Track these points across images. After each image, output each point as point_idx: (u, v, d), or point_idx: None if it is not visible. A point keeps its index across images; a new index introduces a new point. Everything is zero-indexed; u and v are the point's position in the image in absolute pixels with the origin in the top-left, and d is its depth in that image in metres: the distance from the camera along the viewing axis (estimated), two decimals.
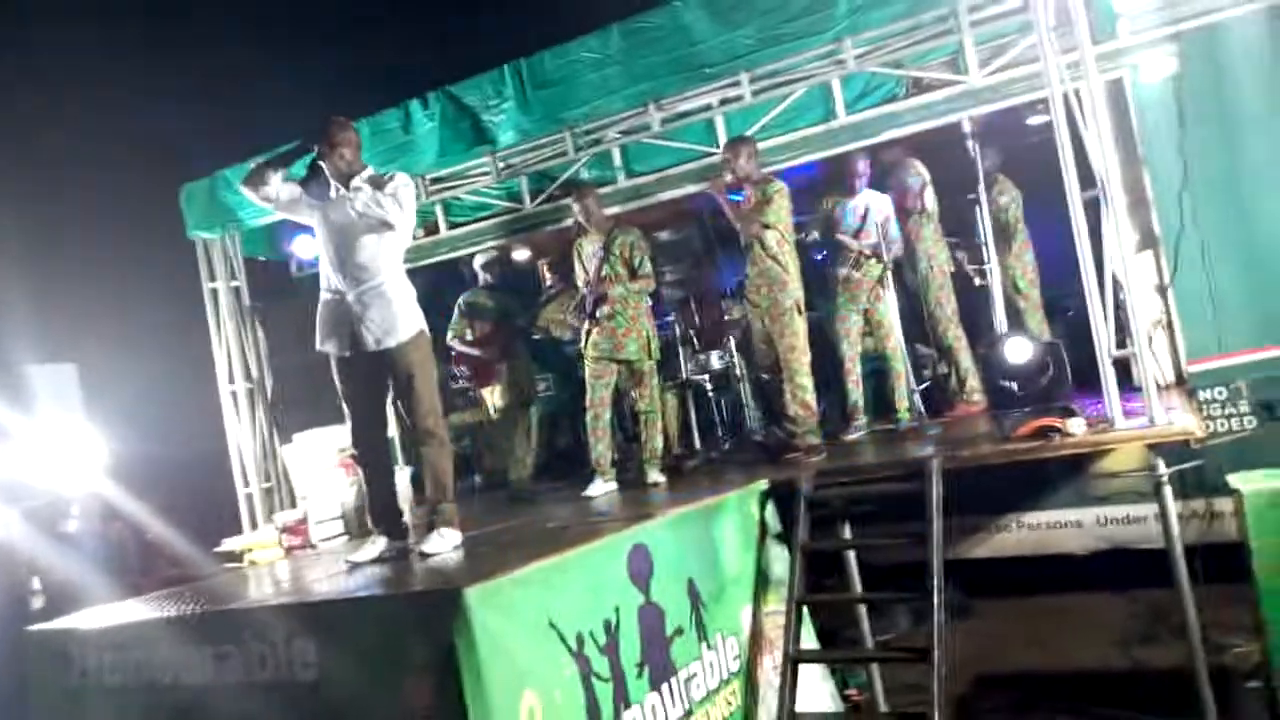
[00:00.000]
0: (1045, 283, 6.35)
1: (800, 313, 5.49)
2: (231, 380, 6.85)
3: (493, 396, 6.69)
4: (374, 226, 4.09)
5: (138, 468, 7.71)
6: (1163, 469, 4.31)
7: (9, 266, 8.43)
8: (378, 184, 4.12)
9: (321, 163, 4.12)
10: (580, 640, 3.30)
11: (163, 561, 7.45)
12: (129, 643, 3.64)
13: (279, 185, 4.16)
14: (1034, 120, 5.87)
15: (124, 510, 7.46)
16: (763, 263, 5.50)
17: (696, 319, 6.89)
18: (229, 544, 5.92)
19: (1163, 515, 4.34)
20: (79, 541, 6.79)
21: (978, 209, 6.05)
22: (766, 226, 5.43)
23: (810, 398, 5.47)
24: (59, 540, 6.64)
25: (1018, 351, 5.45)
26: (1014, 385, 5.31)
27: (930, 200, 6.17)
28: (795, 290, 5.49)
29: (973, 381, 6.10)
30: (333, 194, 4.15)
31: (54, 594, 6.17)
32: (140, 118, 10.34)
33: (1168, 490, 4.32)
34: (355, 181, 4.13)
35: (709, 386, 6.43)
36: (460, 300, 6.89)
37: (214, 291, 6.90)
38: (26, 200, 9.49)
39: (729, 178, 5.58)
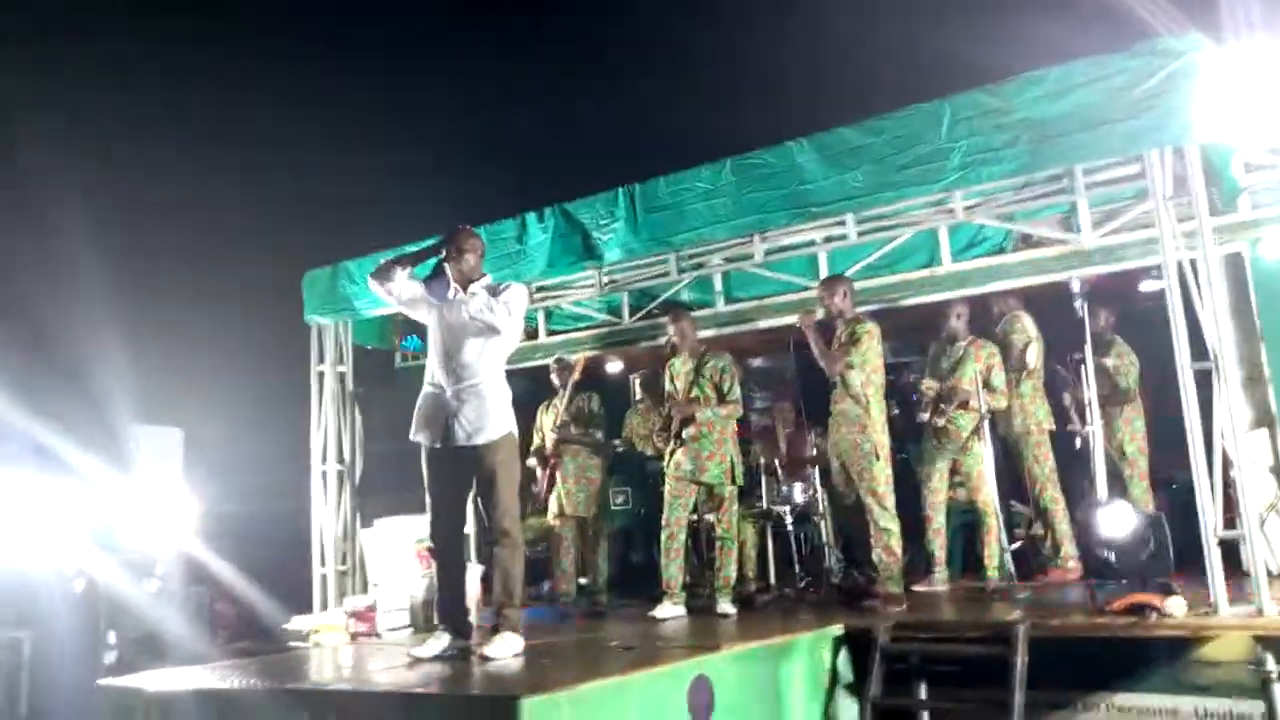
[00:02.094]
0: (1152, 453, 6.10)
1: (880, 456, 5.41)
2: (324, 461, 7.04)
3: (553, 502, 6.63)
4: (483, 330, 4.28)
5: (226, 533, 7.94)
6: (1272, 665, 4.03)
7: (131, 331, 9.01)
8: (494, 292, 4.32)
9: (446, 265, 4.34)
10: None
11: (236, 629, 7.57)
12: (189, 710, 3.69)
13: (404, 282, 4.41)
14: (1147, 286, 5.76)
15: (207, 573, 7.64)
16: (843, 402, 5.49)
17: (782, 449, 6.83)
18: (298, 622, 5.99)
19: (1272, 716, 4.04)
20: (163, 599, 6.97)
21: (1083, 369, 5.90)
22: (850, 366, 5.43)
23: (895, 543, 5.34)
24: (144, 596, 6.83)
25: (1118, 521, 5.21)
26: (1112, 556, 5.05)
27: (1033, 357, 6.05)
28: (875, 433, 5.42)
29: (1068, 547, 5.84)
30: (451, 295, 4.35)
31: (131, 649, 6.31)
32: (263, 205, 11.11)
33: (1278, 689, 4.02)
34: (473, 287, 4.34)
35: (789, 519, 6.31)
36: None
37: (320, 374, 7.17)
38: (146, 272, 10.23)
39: (820, 313, 5.64)
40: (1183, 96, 4.29)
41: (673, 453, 5.67)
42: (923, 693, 4.57)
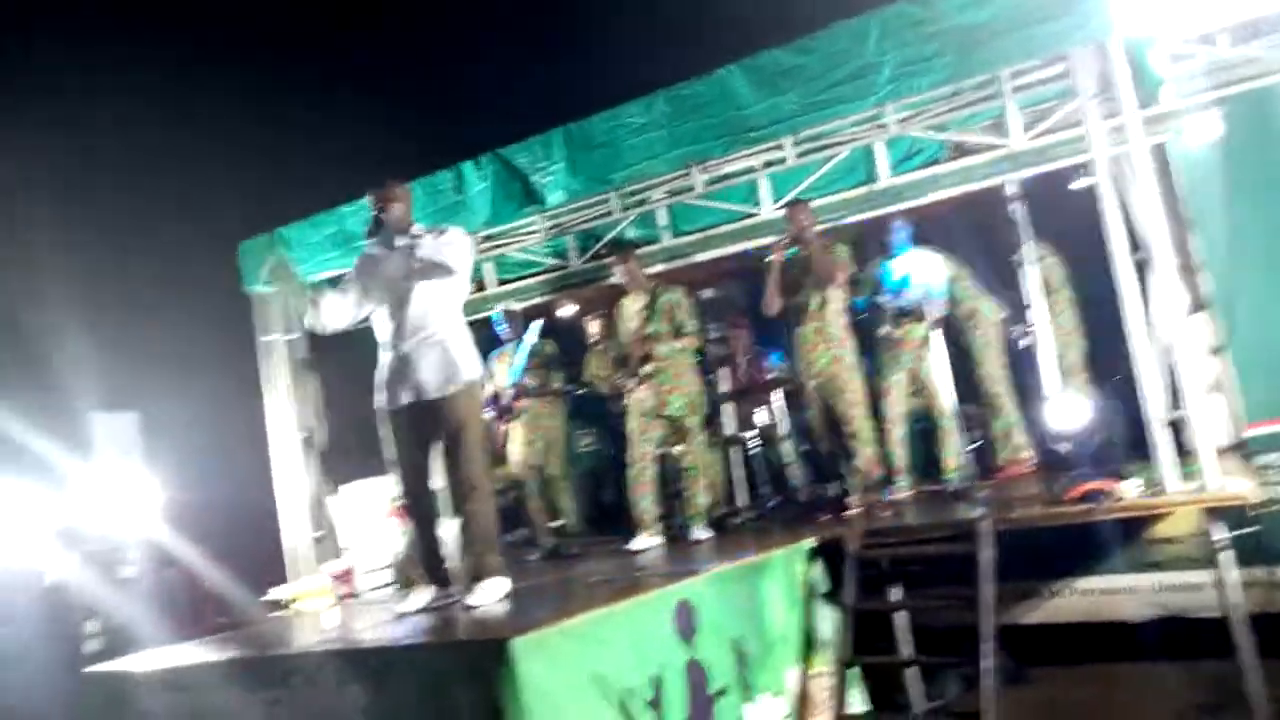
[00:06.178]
0: (1094, 346, 6.28)
1: (859, 370, 5.65)
2: (285, 431, 6.96)
3: (515, 449, 6.64)
4: (429, 279, 4.20)
5: (192, 515, 7.87)
6: (1219, 534, 4.23)
7: (80, 318, 8.78)
8: (436, 233, 4.27)
9: (381, 217, 4.25)
10: (626, 695, 3.29)
11: (213, 608, 7.56)
12: (183, 686, 3.70)
13: (334, 300, 4.36)
14: (1078, 184, 5.88)
15: (178, 557, 7.60)
16: (820, 320, 5.60)
17: (741, 376, 6.91)
18: (275, 593, 5.99)
19: (1221, 583, 4.25)
20: (136, 586, 6.93)
21: (1021, 271, 6.03)
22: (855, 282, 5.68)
23: (875, 453, 5.56)
24: (117, 585, 6.78)
25: (1069, 412, 5.40)
26: (1065, 447, 5.24)
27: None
28: (852, 349, 5.66)
29: (1019, 438, 6.05)
30: (397, 243, 4.26)
31: (111, 638, 6.28)
32: (204, 176, 10.76)
33: (1225, 557, 4.24)
34: (415, 230, 4.28)
35: (754, 443, 6.42)
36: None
37: (269, 344, 7.06)
38: (96, 256, 9.92)
39: (785, 239, 5.69)
40: None
41: (633, 390, 5.71)
42: (896, 594, 4.74)
